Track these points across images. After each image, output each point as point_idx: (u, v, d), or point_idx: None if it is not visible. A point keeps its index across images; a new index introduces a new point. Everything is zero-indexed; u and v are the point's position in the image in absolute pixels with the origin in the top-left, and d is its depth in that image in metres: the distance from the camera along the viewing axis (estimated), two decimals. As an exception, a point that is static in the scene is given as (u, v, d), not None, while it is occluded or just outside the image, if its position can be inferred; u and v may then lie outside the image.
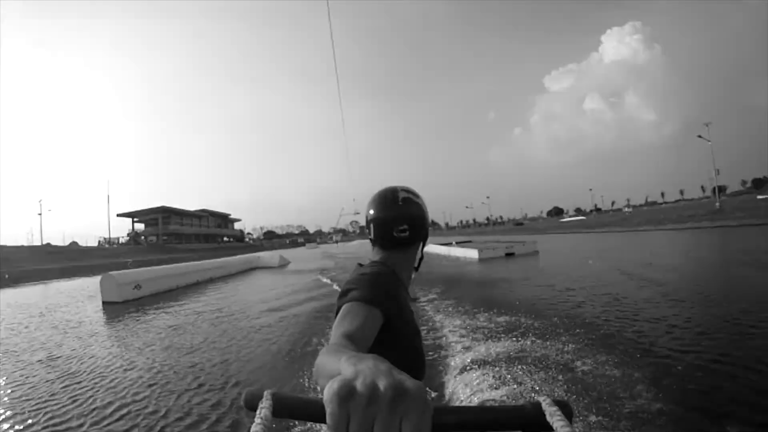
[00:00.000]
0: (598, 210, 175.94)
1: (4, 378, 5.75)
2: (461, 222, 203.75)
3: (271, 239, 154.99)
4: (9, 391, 5.15)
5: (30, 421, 4.14)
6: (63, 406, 4.48)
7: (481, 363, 4.65)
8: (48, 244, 67.12)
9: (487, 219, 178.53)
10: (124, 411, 4.23)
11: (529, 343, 5.29)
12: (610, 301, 7.70)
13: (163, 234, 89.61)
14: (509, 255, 19.63)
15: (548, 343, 5.23)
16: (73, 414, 4.25)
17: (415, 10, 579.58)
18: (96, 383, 5.20)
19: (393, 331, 0.91)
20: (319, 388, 0.44)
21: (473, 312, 7.54)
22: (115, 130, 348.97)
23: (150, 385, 4.97)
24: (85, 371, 5.79)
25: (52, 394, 4.88)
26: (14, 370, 6.16)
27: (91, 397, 4.70)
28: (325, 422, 0.38)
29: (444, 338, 6.03)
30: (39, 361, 6.59)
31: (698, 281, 9.32)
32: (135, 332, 8.52)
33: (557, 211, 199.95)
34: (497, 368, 4.41)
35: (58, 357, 6.77)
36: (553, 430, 0.44)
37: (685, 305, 6.90)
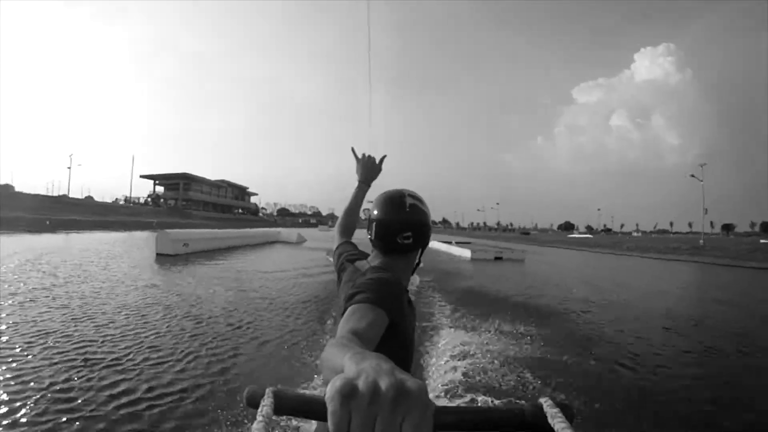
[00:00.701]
0: (607, 230, 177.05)
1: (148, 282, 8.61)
2: (472, 224, 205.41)
3: (284, 216, 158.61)
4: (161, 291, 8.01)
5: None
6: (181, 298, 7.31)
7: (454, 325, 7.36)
8: (64, 196, 71.24)
9: (497, 224, 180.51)
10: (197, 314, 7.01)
11: (482, 314, 8.00)
12: (551, 297, 10.37)
13: (183, 199, 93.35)
14: (498, 258, 22.12)
15: (502, 316, 7.92)
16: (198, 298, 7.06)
17: (450, 8, 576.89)
18: (179, 301, 8.03)
19: (396, 335, 0.93)
20: (322, 381, 0.53)
21: (450, 291, 10.32)
22: (143, 96, 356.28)
23: (198, 313, 7.76)
24: (166, 286, 8.64)
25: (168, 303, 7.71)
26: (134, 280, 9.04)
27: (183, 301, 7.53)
28: (326, 420, 0.39)
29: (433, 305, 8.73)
30: (146, 285, 9.44)
31: (612, 296, 11.85)
32: (186, 276, 11.35)
33: (568, 226, 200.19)
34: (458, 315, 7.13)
35: (156, 285, 9.64)
36: (554, 431, 0.45)
37: (582, 311, 9.55)
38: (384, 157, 1.64)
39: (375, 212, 1.18)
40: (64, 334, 5.35)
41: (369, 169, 1.60)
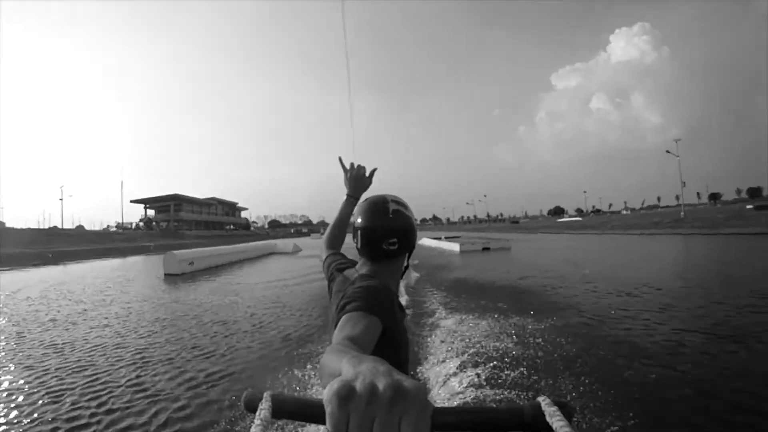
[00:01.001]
0: (597, 211, 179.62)
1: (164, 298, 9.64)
2: (462, 218, 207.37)
3: (275, 228, 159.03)
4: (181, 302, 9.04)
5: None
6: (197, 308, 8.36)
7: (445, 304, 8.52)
8: (56, 227, 71.63)
9: (487, 216, 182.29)
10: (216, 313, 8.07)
11: (471, 291, 9.17)
12: (525, 275, 11.58)
13: (174, 220, 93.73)
14: (486, 249, 23.39)
15: (485, 293, 9.09)
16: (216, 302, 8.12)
17: (423, 7, 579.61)
18: (195, 308, 9.08)
19: (390, 341, 0.93)
20: (321, 387, 0.46)
21: (439, 283, 11.51)
22: (125, 119, 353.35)
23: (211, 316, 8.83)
24: (186, 301, 9.69)
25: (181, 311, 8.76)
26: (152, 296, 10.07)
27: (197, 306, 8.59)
28: (324, 423, 0.39)
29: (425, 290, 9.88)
30: (169, 302, 10.47)
31: (583, 265, 13.12)
32: (200, 291, 12.36)
33: (558, 211, 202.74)
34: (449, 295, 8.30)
35: (165, 301, 10.67)
36: (552, 430, 0.45)
37: (555, 275, 10.77)
38: (374, 170, 1.59)
39: (359, 220, 1.17)
40: (118, 346, 6.40)
41: (358, 181, 1.55)
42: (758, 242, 20.34)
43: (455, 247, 23.95)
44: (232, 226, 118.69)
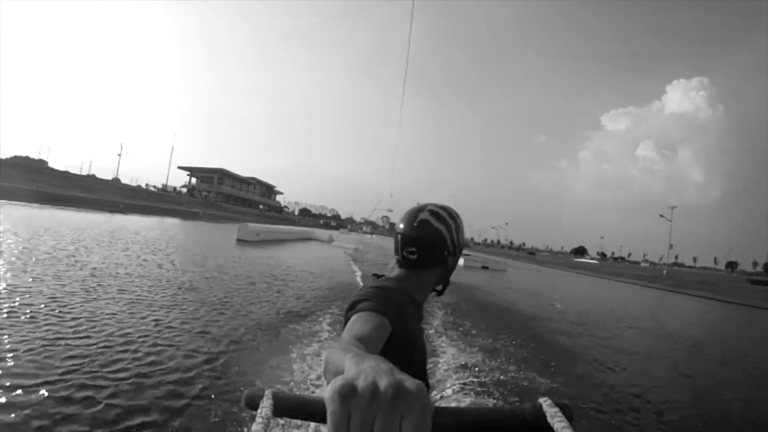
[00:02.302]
0: (616, 259, 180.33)
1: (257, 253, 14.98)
2: (485, 240, 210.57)
3: (305, 216, 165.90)
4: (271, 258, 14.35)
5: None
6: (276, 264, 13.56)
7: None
8: (117, 179, 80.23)
9: (510, 243, 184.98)
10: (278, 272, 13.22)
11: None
12: (492, 285, 16.38)
13: (216, 192, 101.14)
14: (484, 268, 28.07)
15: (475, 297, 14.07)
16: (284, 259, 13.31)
17: (489, 20, 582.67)
18: (266, 266, 14.29)
19: (400, 345, 0.92)
20: (325, 383, 0.46)
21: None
22: (182, 87, 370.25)
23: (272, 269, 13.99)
24: (259, 255, 14.92)
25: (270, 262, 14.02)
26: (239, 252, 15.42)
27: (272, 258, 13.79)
28: (325, 422, 0.39)
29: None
30: (264, 257, 15.80)
31: (540, 296, 17.79)
32: (263, 254, 17.41)
33: (580, 251, 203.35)
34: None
35: (250, 256, 15.97)
36: (554, 431, 0.45)
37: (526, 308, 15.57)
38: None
39: (399, 225, 1.18)
40: (247, 271, 11.65)
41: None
42: (701, 303, 24.49)
43: (461, 261, 28.61)
44: (264, 207, 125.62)
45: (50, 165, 75.79)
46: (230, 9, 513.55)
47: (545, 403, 0.48)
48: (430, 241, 1.13)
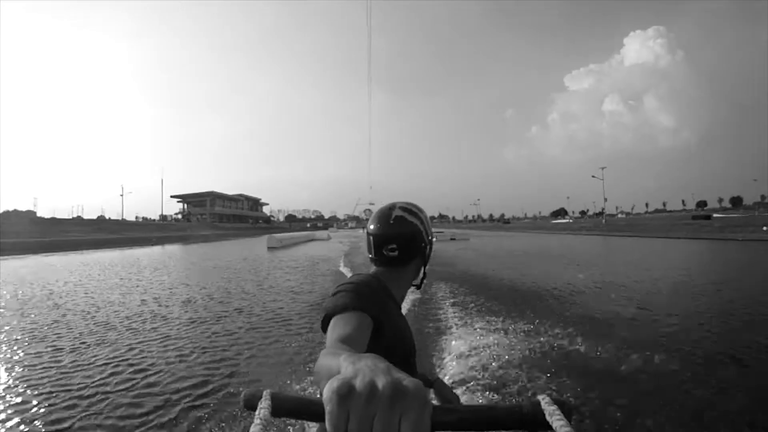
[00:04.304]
0: (598, 214, 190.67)
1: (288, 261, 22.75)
2: (466, 217, 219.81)
3: (292, 222, 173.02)
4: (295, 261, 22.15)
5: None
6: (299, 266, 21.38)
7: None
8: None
9: (490, 216, 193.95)
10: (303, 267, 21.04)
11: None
12: (475, 256, 24.31)
13: (209, 213, 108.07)
14: (452, 239, 36.05)
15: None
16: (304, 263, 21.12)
17: (439, 8, 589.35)
18: (282, 263, 22.10)
19: (384, 339, 0.92)
20: (319, 392, 0.45)
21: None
22: (151, 118, 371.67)
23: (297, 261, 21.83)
24: (284, 257, 22.68)
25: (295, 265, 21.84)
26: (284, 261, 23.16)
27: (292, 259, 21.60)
28: (324, 422, 0.39)
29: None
30: (285, 258, 23.56)
31: (491, 249, 25.82)
32: (281, 257, 24.84)
33: (562, 212, 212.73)
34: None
35: (295, 256, 23.74)
36: (552, 429, 0.45)
37: (486, 257, 23.63)
38: None
39: (370, 227, 1.19)
40: (289, 267, 19.37)
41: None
42: (618, 240, 32.68)
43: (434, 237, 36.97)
44: (259, 221, 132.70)
45: (38, 214, 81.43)
46: (189, 31, 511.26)
47: (544, 400, 0.49)
48: (409, 236, 1.16)
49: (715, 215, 62.33)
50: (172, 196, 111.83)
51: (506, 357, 4.76)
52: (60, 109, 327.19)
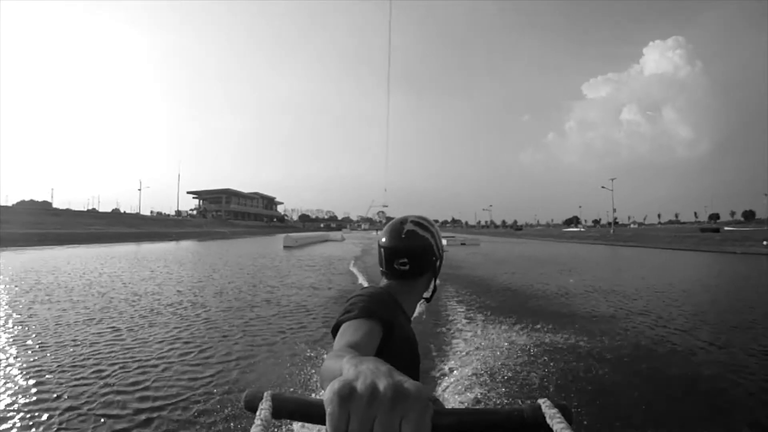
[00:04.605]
0: (609, 224, 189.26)
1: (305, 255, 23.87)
2: (479, 222, 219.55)
3: (305, 222, 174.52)
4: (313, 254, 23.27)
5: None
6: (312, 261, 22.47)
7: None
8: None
9: (502, 222, 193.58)
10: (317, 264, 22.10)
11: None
12: (483, 261, 25.19)
13: (225, 211, 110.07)
14: (463, 244, 36.89)
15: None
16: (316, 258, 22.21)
17: (460, 10, 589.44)
18: (300, 262, 23.19)
19: (392, 349, 0.92)
20: (323, 392, 0.44)
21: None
22: (171, 115, 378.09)
23: (311, 260, 22.92)
24: (301, 256, 23.78)
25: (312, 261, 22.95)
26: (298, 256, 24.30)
27: (308, 256, 22.67)
28: (325, 424, 0.39)
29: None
30: (301, 256, 24.68)
31: (495, 255, 26.67)
32: (297, 256, 26.04)
33: (573, 221, 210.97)
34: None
35: (294, 255, 24.85)
36: None
37: (493, 263, 24.51)
38: None
39: (383, 239, 1.21)
40: (305, 264, 20.47)
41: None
42: (623, 250, 33.21)
43: (444, 241, 37.81)
44: (274, 219, 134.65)
45: (54, 205, 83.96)
46: (208, 29, 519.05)
47: (544, 404, 0.49)
48: (420, 250, 1.17)
49: (726, 228, 62.03)
50: (188, 192, 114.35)
51: (508, 355, 5.68)
52: (80, 101, 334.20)
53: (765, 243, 27.38)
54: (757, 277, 14.72)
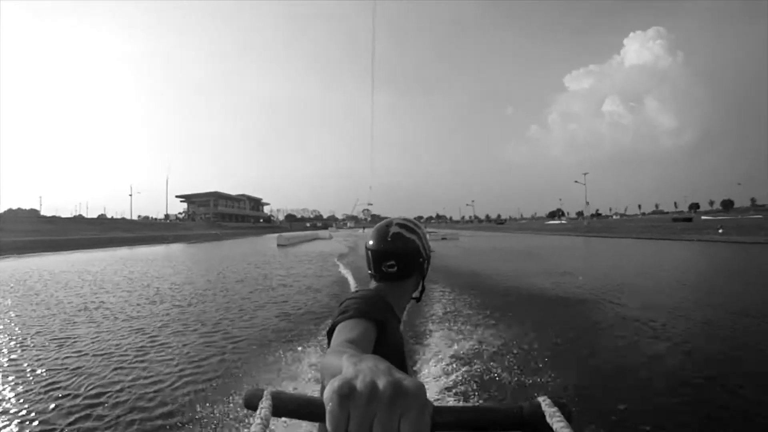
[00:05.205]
0: (595, 216, 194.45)
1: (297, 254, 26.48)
2: (463, 217, 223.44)
3: (292, 222, 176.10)
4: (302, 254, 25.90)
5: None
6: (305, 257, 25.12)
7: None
8: (124, 219, 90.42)
9: (487, 216, 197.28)
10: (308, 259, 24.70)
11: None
12: (459, 253, 28.02)
13: (213, 213, 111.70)
14: (444, 239, 39.77)
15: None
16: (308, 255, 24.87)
17: (438, 7, 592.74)
18: (297, 257, 25.77)
19: (385, 347, 0.93)
20: (322, 387, 0.46)
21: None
22: (155, 113, 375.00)
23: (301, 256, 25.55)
24: (296, 253, 26.39)
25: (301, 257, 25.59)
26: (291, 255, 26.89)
27: (300, 253, 25.30)
28: (324, 422, 0.39)
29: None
30: (295, 254, 27.26)
31: (471, 244, 29.57)
32: (292, 253, 28.46)
33: (557, 213, 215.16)
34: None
35: (286, 252, 27.44)
36: (552, 430, 0.45)
37: (473, 253, 27.38)
38: None
39: (369, 242, 1.23)
40: (298, 258, 23.07)
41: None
42: (594, 240, 36.45)
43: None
44: (261, 220, 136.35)
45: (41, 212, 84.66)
46: (191, 31, 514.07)
47: (544, 402, 0.49)
48: (406, 252, 1.19)
49: (703, 218, 65.99)
50: (176, 196, 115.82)
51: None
52: (63, 107, 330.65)
53: (720, 231, 30.83)
54: (686, 258, 18.13)
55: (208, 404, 4.04)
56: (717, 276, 13.03)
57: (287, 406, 0.49)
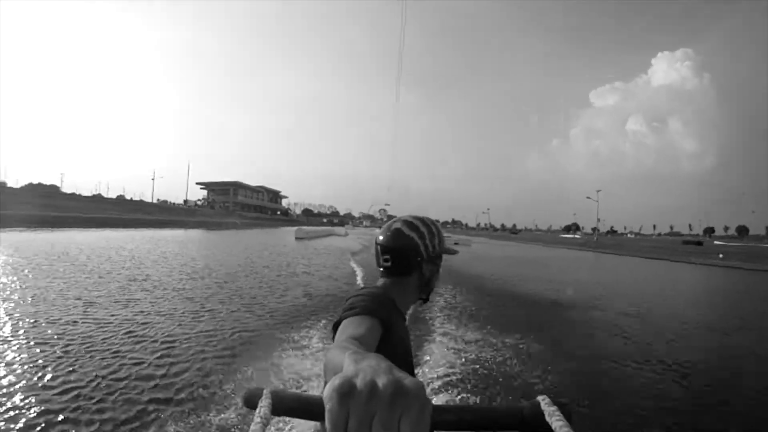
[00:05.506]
0: (610, 233, 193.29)
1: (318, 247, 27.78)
2: (478, 224, 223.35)
3: (309, 216, 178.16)
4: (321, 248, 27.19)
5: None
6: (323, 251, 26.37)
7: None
8: (147, 202, 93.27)
9: (502, 225, 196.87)
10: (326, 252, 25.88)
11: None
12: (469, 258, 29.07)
13: (232, 202, 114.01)
14: (456, 244, 40.42)
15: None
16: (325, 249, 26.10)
17: (472, 10, 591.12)
18: (316, 250, 27.01)
19: (389, 345, 0.94)
20: (324, 383, 0.46)
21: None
22: (183, 102, 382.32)
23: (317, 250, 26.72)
24: (315, 246, 27.66)
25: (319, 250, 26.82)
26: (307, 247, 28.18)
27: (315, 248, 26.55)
28: (324, 420, 0.39)
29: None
30: (313, 247, 28.57)
31: (479, 252, 30.50)
32: (310, 246, 29.68)
33: (573, 228, 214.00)
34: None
35: (308, 245, 28.69)
36: (552, 430, 0.45)
37: (488, 265, 28.40)
38: None
39: (378, 237, 1.24)
40: (316, 252, 24.31)
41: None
42: (604, 257, 37.00)
43: (439, 241, 42.28)
44: (278, 212, 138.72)
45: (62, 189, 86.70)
46: (219, 24, 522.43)
47: (544, 401, 0.49)
48: (401, 249, 1.18)
49: (716, 243, 65.67)
50: (197, 183, 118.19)
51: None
52: (93, 89, 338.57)
53: (720, 256, 31.39)
54: (681, 280, 18.80)
55: (259, 352, 5.24)
56: (688, 294, 14.36)
57: (287, 405, 0.49)
